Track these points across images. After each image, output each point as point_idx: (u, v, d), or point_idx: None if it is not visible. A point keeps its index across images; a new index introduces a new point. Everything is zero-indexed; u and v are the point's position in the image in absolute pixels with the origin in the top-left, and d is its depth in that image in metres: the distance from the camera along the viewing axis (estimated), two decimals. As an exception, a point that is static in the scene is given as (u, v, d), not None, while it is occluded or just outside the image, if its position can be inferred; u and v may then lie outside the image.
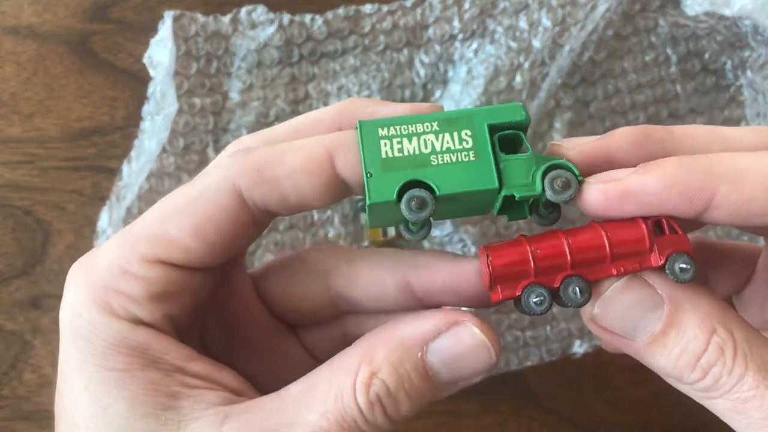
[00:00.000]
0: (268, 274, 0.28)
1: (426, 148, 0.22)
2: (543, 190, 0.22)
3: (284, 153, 0.23)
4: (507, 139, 0.23)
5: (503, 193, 0.22)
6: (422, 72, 0.44)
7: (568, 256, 0.22)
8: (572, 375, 0.42)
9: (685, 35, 0.45)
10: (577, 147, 0.23)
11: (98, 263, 0.23)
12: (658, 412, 0.42)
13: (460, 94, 0.43)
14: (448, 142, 0.22)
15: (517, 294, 0.22)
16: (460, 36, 0.44)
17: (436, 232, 0.43)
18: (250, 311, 0.27)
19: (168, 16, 0.42)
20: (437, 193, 0.22)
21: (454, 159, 0.22)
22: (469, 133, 0.23)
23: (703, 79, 0.45)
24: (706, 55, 0.45)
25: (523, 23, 0.44)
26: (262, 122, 0.43)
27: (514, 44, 0.44)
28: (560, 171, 0.22)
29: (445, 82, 0.44)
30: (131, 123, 0.43)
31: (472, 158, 0.22)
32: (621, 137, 0.23)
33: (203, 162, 0.42)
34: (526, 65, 0.43)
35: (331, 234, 0.43)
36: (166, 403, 0.22)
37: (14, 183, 0.43)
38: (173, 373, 0.23)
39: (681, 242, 0.22)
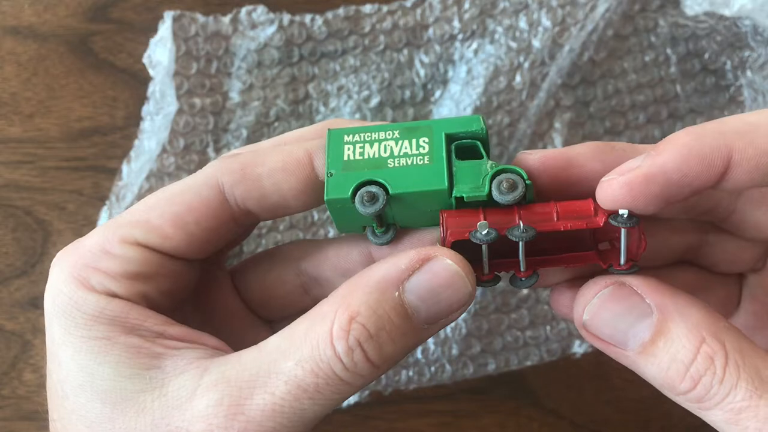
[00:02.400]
0: (244, 269, 0.29)
1: (385, 152, 0.24)
2: (490, 191, 0.23)
3: (266, 154, 0.25)
4: (468, 150, 0.24)
5: (454, 194, 0.23)
6: (422, 72, 0.44)
7: (517, 215, 0.23)
8: (572, 375, 0.42)
9: (685, 35, 0.45)
10: (539, 153, 0.24)
11: (82, 246, 0.24)
12: (657, 412, 0.42)
13: (460, 94, 0.43)
14: (405, 148, 0.24)
15: (467, 235, 0.22)
16: (460, 36, 0.44)
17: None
18: (229, 308, 0.28)
19: (168, 16, 0.42)
20: (390, 191, 0.23)
21: (409, 162, 0.24)
22: (426, 140, 0.24)
23: (703, 79, 0.45)
24: (706, 55, 0.45)
25: (523, 23, 0.44)
26: (262, 122, 0.43)
27: (514, 44, 0.44)
28: (508, 174, 0.23)
29: (445, 82, 0.44)
30: (131, 123, 0.43)
31: (426, 162, 0.23)
32: (584, 145, 0.24)
33: (203, 162, 0.42)
34: (526, 65, 0.43)
35: (332, 234, 0.43)
36: (150, 363, 0.23)
37: (14, 183, 0.43)
38: (154, 337, 0.23)
39: None
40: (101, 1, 0.45)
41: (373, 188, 0.23)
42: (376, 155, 0.24)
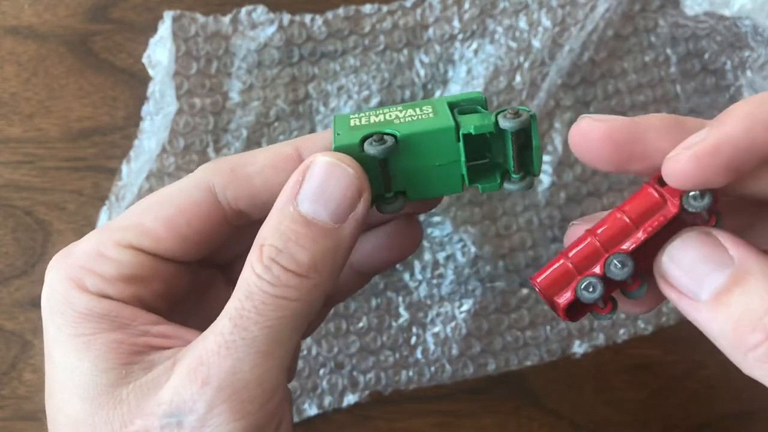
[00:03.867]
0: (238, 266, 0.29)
1: (391, 117, 0.25)
2: (496, 122, 0.23)
3: (255, 154, 0.25)
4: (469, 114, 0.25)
5: (461, 131, 0.23)
6: (422, 72, 0.44)
7: (597, 242, 0.23)
8: (572, 375, 0.42)
9: (685, 35, 0.45)
10: (604, 121, 0.23)
11: (77, 249, 0.25)
12: (657, 413, 0.42)
13: (460, 94, 0.43)
14: (410, 112, 0.25)
15: (573, 296, 0.23)
16: (460, 36, 0.44)
17: (435, 232, 0.43)
18: None
19: (168, 16, 0.42)
20: (398, 135, 0.24)
21: (415, 118, 0.25)
22: (429, 107, 0.25)
23: (703, 79, 0.45)
24: (706, 56, 0.45)
25: (523, 23, 0.44)
26: (262, 122, 0.43)
27: (514, 44, 0.44)
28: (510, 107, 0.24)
29: (445, 82, 0.44)
30: (131, 123, 0.43)
31: (431, 116, 0.25)
32: (654, 119, 0.23)
33: (203, 162, 0.42)
34: (526, 65, 0.43)
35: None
36: (128, 359, 0.23)
37: (14, 183, 0.43)
38: (139, 335, 0.24)
39: None
40: (101, 1, 0.45)
41: (382, 132, 0.24)
42: (383, 120, 0.25)
